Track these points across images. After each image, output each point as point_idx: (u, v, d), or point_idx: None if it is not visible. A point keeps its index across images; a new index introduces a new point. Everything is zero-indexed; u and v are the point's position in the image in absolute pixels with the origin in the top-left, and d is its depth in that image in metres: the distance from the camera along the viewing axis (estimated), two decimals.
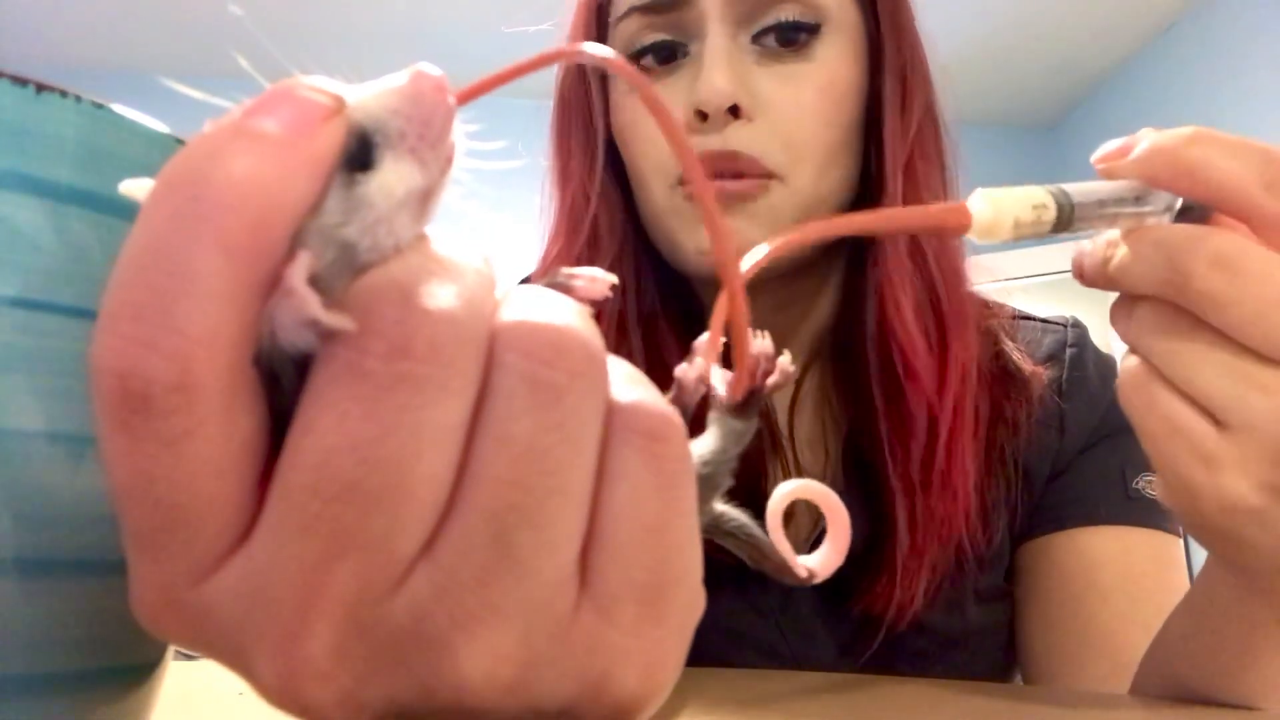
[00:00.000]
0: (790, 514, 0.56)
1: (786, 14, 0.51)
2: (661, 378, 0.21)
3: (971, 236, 0.27)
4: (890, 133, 0.53)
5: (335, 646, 0.14)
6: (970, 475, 0.52)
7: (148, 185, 0.14)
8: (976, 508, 0.53)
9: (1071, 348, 0.60)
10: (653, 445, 0.15)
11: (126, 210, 0.20)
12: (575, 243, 0.57)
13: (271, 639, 0.14)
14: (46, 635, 0.19)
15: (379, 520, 0.14)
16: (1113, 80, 2.95)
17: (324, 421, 0.14)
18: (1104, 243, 0.31)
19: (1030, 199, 0.28)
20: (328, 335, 0.14)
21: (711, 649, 0.54)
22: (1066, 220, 0.28)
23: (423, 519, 0.14)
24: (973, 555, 0.53)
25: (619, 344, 0.55)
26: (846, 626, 0.54)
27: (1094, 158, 0.31)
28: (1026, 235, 0.28)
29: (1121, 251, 0.30)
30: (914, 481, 0.52)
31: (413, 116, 0.15)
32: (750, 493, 0.33)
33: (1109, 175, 0.30)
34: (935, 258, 0.53)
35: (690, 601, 0.16)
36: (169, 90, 0.17)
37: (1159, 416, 0.29)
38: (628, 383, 0.16)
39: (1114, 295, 0.32)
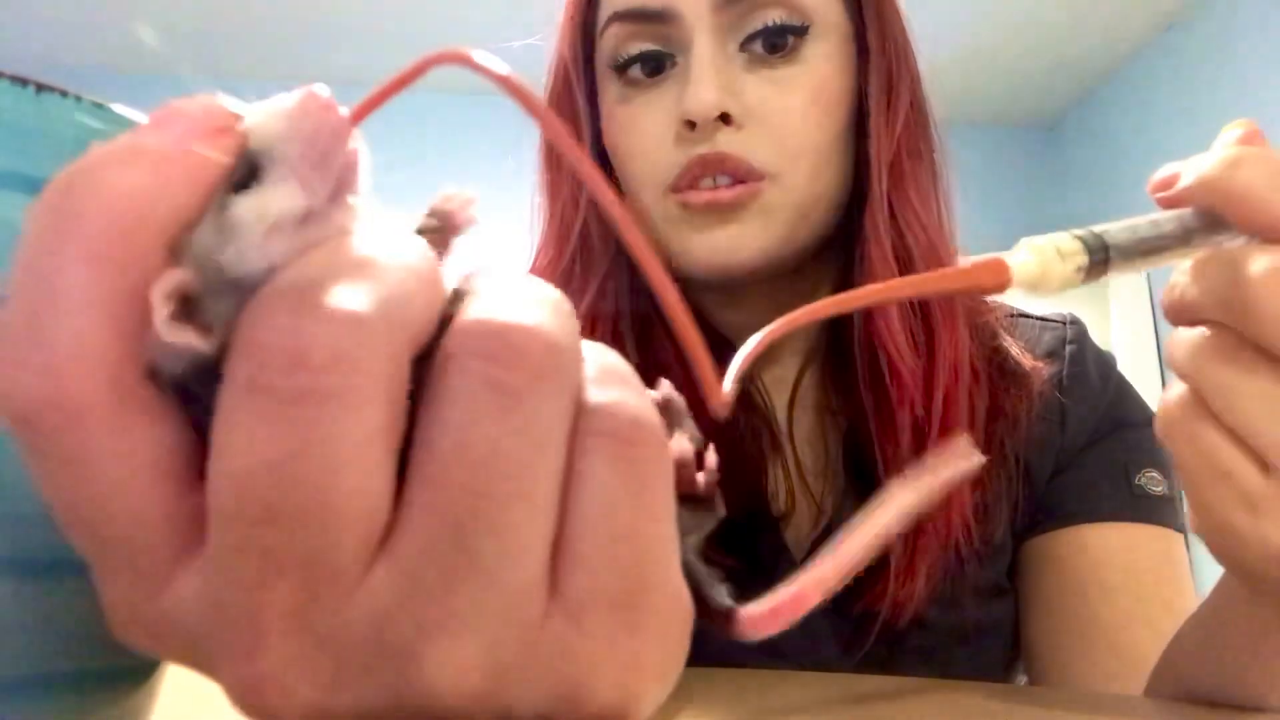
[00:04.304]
0: (789, 513, 0.56)
1: (773, 17, 0.51)
2: (657, 382, 0.20)
3: (1019, 291, 0.25)
4: (875, 130, 0.53)
5: (294, 659, 0.14)
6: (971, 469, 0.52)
7: None
8: (975, 503, 0.53)
9: (1071, 344, 0.61)
10: (622, 448, 0.15)
11: None
12: (564, 253, 0.57)
13: (230, 653, 0.14)
14: (46, 635, 0.19)
15: (308, 539, 0.13)
16: (1113, 80, 2.95)
17: (235, 443, 0.13)
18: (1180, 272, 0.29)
19: (1060, 243, 0.26)
20: (232, 352, 0.13)
21: (713, 648, 0.54)
22: (1102, 261, 0.26)
23: (360, 532, 0.14)
24: (972, 551, 0.53)
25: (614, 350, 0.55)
26: (848, 625, 0.54)
27: (1149, 188, 0.29)
28: (1073, 283, 0.26)
29: (1186, 276, 0.28)
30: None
31: (295, 138, 0.15)
32: (751, 493, 0.33)
33: (1167, 206, 0.29)
34: (923, 258, 0.53)
35: (670, 609, 0.16)
36: (170, 90, 0.17)
37: (1202, 455, 0.28)
38: (600, 383, 0.15)
39: (1111, 296, 0.31)
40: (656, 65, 0.53)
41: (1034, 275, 0.24)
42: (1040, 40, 2.78)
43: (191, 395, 0.14)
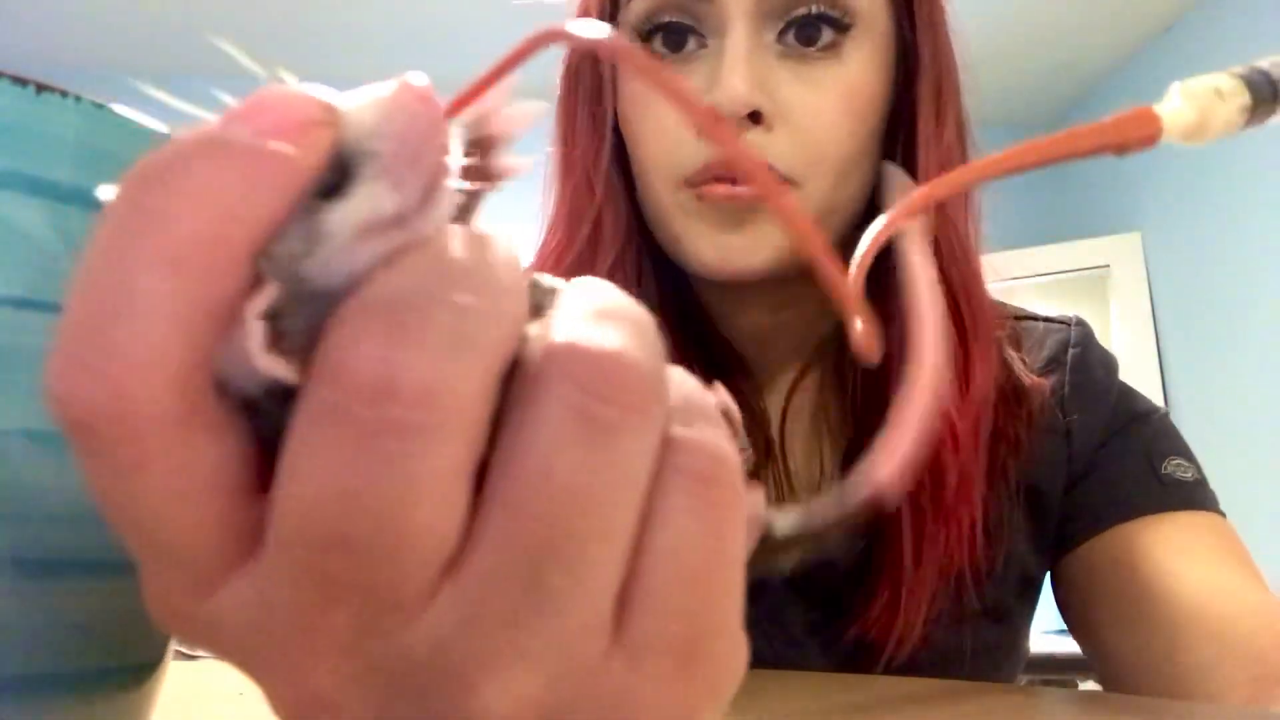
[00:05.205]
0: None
1: (815, 6, 0.49)
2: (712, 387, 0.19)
3: (1175, 141, 0.22)
4: (924, 144, 0.52)
5: (345, 680, 0.14)
6: (978, 501, 0.51)
7: None
8: (977, 529, 0.51)
9: (1074, 348, 0.60)
10: (702, 489, 0.14)
11: None
12: (576, 237, 0.55)
13: (279, 668, 0.14)
14: (46, 635, 0.19)
15: (374, 570, 0.13)
16: (1113, 80, 2.94)
17: (307, 468, 0.12)
18: None
19: (1218, 83, 0.23)
20: (314, 374, 0.13)
21: None
22: (1270, 97, 0.23)
23: (427, 562, 0.13)
24: (971, 576, 0.52)
25: None
26: (841, 647, 0.53)
27: None
28: (1236, 125, 0.23)
29: None
30: (924, 510, 0.50)
31: (388, 134, 0.14)
32: None
33: None
34: (959, 275, 0.52)
35: (727, 655, 0.15)
36: (169, 90, 0.16)
37: None
38: (683, 415, 0.15)
39: (1111, 296, 0.30)
40: (681, 40, 0.51)
41: (1190, 123, 0.22)
42: (1040, 40, 2.78)
43: (255, 406, 0.13)
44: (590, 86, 0.55)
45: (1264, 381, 2.22)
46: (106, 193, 0.15)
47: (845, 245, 0.55)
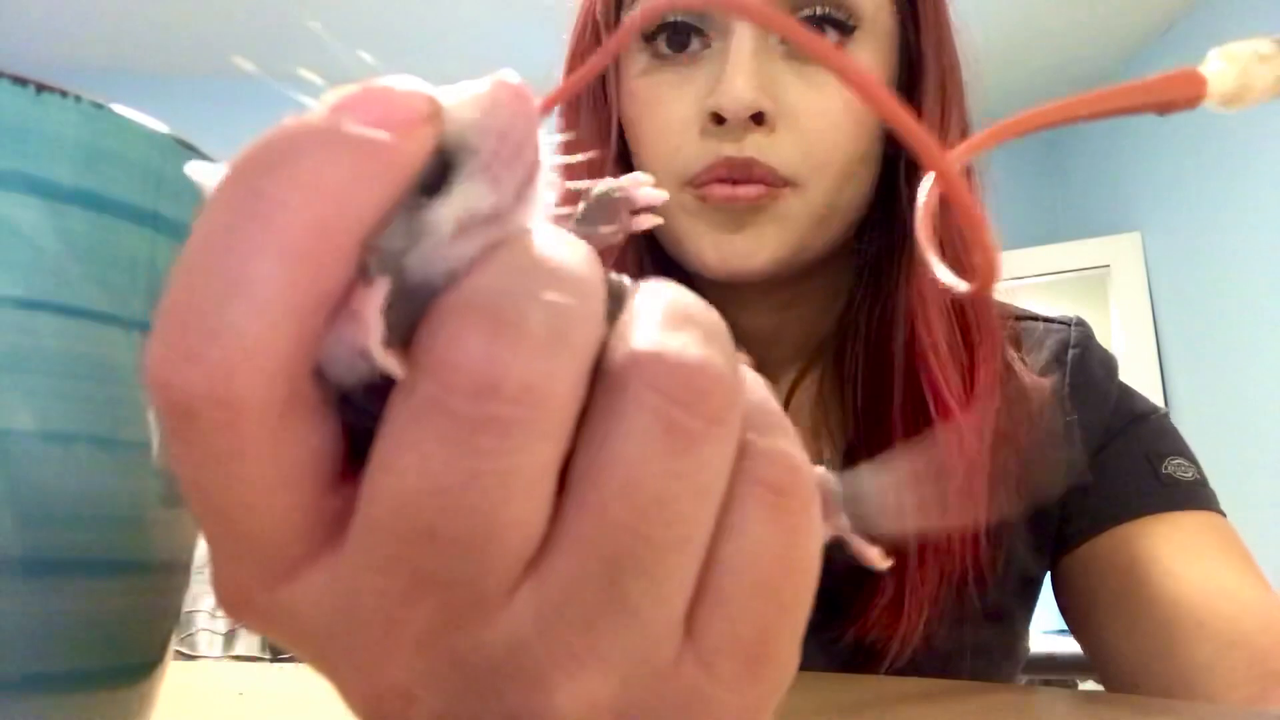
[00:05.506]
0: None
1: (820, 8, 0.49)
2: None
3: (1215, 106, 0.22)
4: None
5: (423, 673, 0.14)
6: (982, 503, 0.51)
7: (217, 172, 0.13)
8: (977, 531, 0.52)
9: (1075, 348, 0.60)
10: (777, 499, 0.15)
11: (127, 210, 0.20)
12: None
13: (356, 659, 0.14)
14: (46, 635, 0.19)
15: (463, 564, 0.13)
16: (1113, 80, 2.94)
17: (403, 461, 0.13)
18: None
19: (1258, 48, 0.23)
20: (414, 367, 0.13)
21: None
22: None
23: (512, 558, 0.13)
24: (973, 577, 0.52)
25: None
26: (841, 648, 0.53)
27: None
28: (1275, 93, 0.23)
29: None
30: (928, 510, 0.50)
31: (489, 131, 0.14)
32: None
33: None
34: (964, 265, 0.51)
35: (789, 659, 0.15)
36: (169, 90, 0.16)
37: None
38: (757, 424, 0.15)
39: (1111, 296, 0.29)
40: (685, 40, 0.51)
41: (1231, 88, 0.22)
42: (1041, 41, 2.78)
43: (345, 395, 0.14)
44: (594, 88, 0.55)
45: (1264, 381, 2.22)
46: (205, 176, 0.15)
47: (846, 248, 0.55)
